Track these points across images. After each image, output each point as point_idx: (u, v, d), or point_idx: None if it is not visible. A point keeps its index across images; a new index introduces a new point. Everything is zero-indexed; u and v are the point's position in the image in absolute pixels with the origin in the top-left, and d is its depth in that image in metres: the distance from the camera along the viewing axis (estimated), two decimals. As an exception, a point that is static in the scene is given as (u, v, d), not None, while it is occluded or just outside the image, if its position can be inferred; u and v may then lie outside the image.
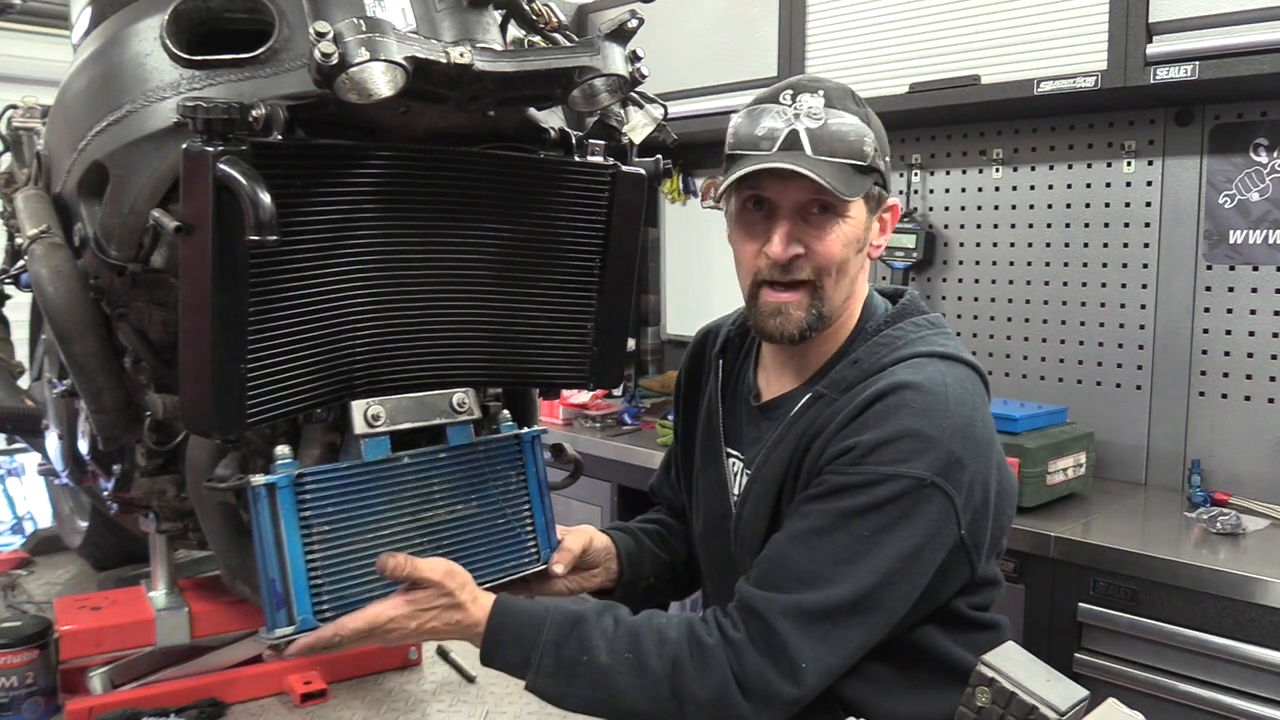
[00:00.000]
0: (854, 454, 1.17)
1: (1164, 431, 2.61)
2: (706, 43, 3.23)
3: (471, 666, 1.64)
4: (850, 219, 1.24)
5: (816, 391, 1.26)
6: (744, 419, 1.41)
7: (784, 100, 1.24)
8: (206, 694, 1.47)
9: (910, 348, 1.25)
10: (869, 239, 1.30)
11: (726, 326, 1.50)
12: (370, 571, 1.23)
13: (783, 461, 1.26)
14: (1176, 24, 2.21)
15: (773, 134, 1.22)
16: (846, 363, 1.27)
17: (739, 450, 1.40)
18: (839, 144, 1.21)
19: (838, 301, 1.27)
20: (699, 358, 1.53)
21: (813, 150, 1.20)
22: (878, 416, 1.18)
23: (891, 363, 1.23)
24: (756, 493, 1.29)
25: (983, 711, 0.98)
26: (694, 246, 3.82)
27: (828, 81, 1.26)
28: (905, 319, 1.30)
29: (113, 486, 1.39)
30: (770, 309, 1.26)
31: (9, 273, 1.49)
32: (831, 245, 1.23)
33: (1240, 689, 1.91)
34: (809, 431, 1.24)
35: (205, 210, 1.02)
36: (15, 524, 3.85)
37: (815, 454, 1.22)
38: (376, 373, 1.25)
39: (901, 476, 1.15)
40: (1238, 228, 2.46)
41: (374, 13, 1.06)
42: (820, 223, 1.24)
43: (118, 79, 1.18)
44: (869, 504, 1.15)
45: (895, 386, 1.19)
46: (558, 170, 1.30)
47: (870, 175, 1.24)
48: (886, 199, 1.30)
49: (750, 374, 1.43)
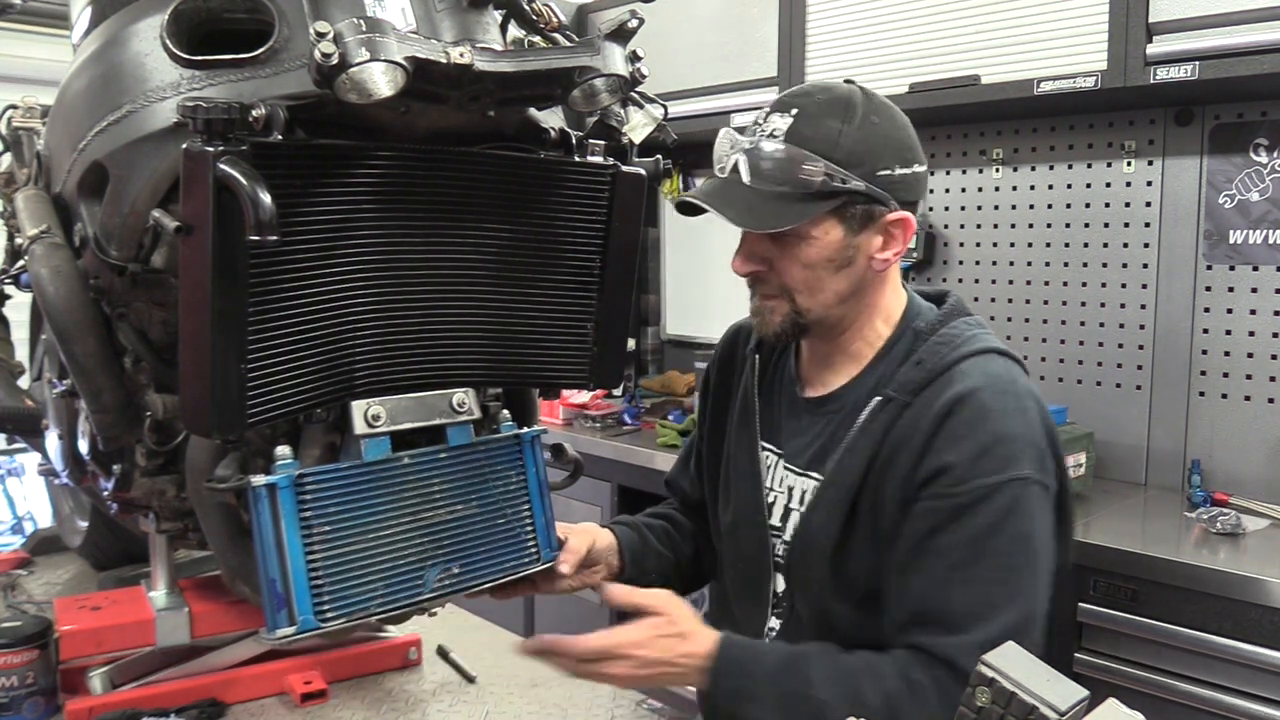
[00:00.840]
0: (955, 473, 1.17)
1: (1164, 431, 2.61)
2: (706, 43, 3.23)
3: (471, 667, 1.64)
4: (812, 240, 1.23)
5: (885, 395, 1.25)
6: (783, 412, 1.40)
7: (758, 119, 1.26)
8: (206, 694, 1.47)
9: (968, 345, 1.25)
10: (863, 252, 1.26)
11: None
12: (371, 572, 1.23)
13: (858, 468, 1.24)
14: (1176, 24, 2.21)
15: (721, 159, 1.28)
16: (910, 364, 1.26)
17: (775, 443, 1.40)
18: (773, 171, 1.21)
19: (818, 310, 1.28)
20: (730, 352, 1.53)
21: (751, 177, 1.22)
22: (965, 426, 1.18)
23: (955, 360, 1.23)
24: (830, 498, 1.27)
25: (983, 711, 0.98)
26: (694, 246, 3.82)
27: (817, 94, 1.25)
28: (957, 318, 1.30)
29: (113, 486, 1.38)
30: (754, 310, 1.33)
31: (9, 273, 1.49)
32: (788, 265, 1.26)
33: (1240, 689, 1.91)
34: (887, 440, 1.23)
35: (205, 210, 1.02)
36: (15, 524, 3.85)
37: (902, 469, 1.21)
38: (377, 373, 1.25)
39: (1011, 481, 1.16)
40: (1238, 228, 2.46)
41: (374, 13, 1.06)
42: (780, 241, 1.25)
43: (118, 79, 1.18)
44: (994, 520, 1.16)
45: (969, 392, 1.19)
46: (558, 170, 1.30)
47: (832, 199, 1.21)
48: (883, 214, 1.25)
49: (790, 367, 1.43)
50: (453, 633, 1.78)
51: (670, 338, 3.88)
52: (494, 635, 1.81)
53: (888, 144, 1.25)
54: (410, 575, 1.27)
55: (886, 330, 1.33)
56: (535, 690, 1.58)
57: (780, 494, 1.38)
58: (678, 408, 3.45)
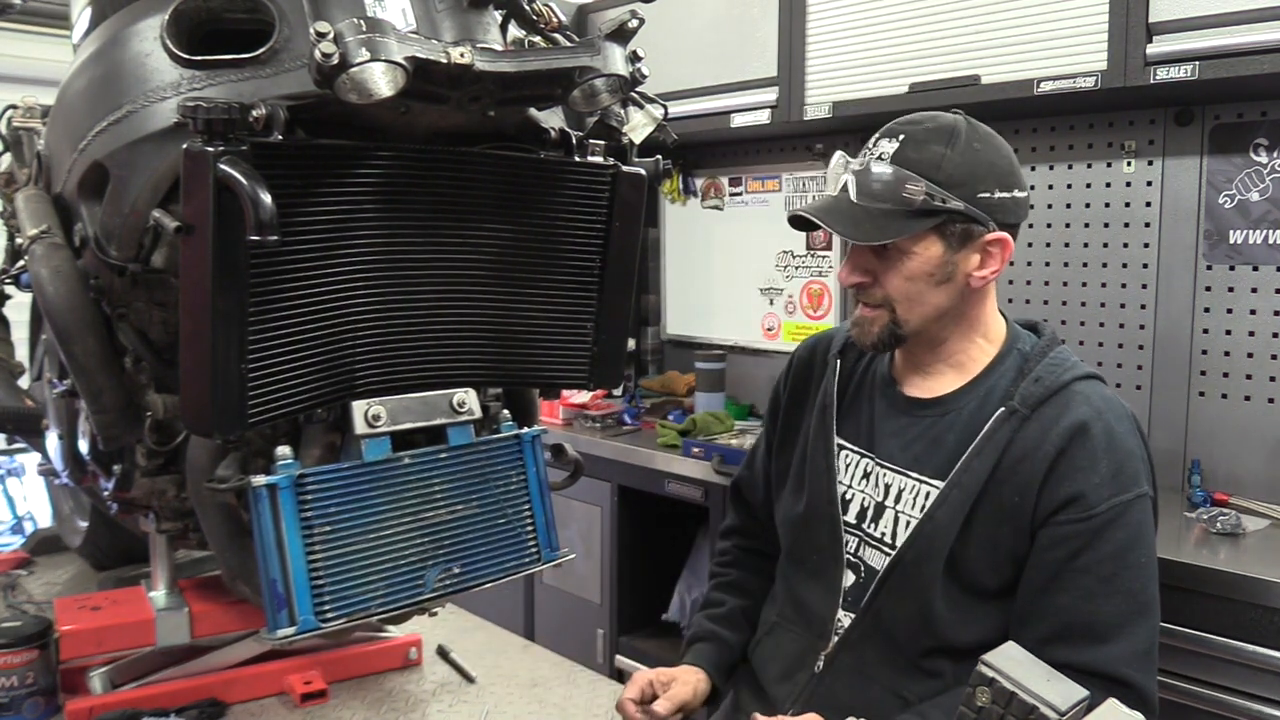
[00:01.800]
0: (1092, 497, 1.25)
1: (1164, 431, 2.61)
2: (706, 43, 3.23)
3: (472, 667, 1.64)
4: (913, 254, 1.31)
5: (1010, 407, 1.31)
6: (878, 412, 1.44)
7: (868, 145, 1.34)
8: (206, 694, 1.47)
9: (1076, 370, 1.35)
10: (961, 269, 1.34)
11: (843, 332, 1.54)
12: (371, 572, 1.23)
13: (983, 474, 1.30)
14: (1176, 24, 2.21)
15: (833, 179, 1.36)
16: (1029, 380, 1.33)
17: (864, 444, 1.44)
18: (877, 189, 1.30)
19: (916, 323, 1.35)
20: (810, 359, 1.58)
21: (857, 195, 1.31)
22: (1098, 450, 1.26)
23: (1069, 381, 1.32)
24: (955, 500, 1.31)
25: (983, 711, 0.98)
26: (694, 246, 3.82)
27: (926, 122, 1.32)
28: (1057, 344, 1.40)
29: (113, 486, 1.38)
30: (856, 319, 1.40)
31: (9, 273, 1.49)
32: (890, 279, 1.33)
33: (1240, 689, 1.91)
34: (1010, 450, 1.30)
35: (206, 210, 1.02)
36: (15, 524, 3.85)
37: (1024, 480, 1.28)
38: (377, 373, 1.25)
39: (1138, 498, 1.27)
40: (1238, 228, 2.46)
41: (374, 13, 1.07)
42: (883, 256, 1.33)
43: (118, 79, 1.18)
44: (1130, 535, 1.25)
45: (1095, 416, 1.28)
46: (558, 170, 1.30)
47: (931, 217, 1.29)
48: (982, 233, 1.32)
49: (883, 369, 1.48)
50: (453, 633, 1.78)
51: (670, 338, 3.88)
52: (494, 635, 1.81)
53: (990, 169, 1.32)
54: (410, 575, 1.27)
55: (991, 348, 1.40)
56: (535, 690, 1.58)
57: (866, 493, 1.41)
58: (678, 408, 3.45)
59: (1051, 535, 1.26)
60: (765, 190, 3.58)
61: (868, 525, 1.40)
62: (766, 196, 3.58)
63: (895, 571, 1.34)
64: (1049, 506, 1.27)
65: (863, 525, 1.40)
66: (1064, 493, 1.26)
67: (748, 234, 3.63)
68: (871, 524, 1.39)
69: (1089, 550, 1.25)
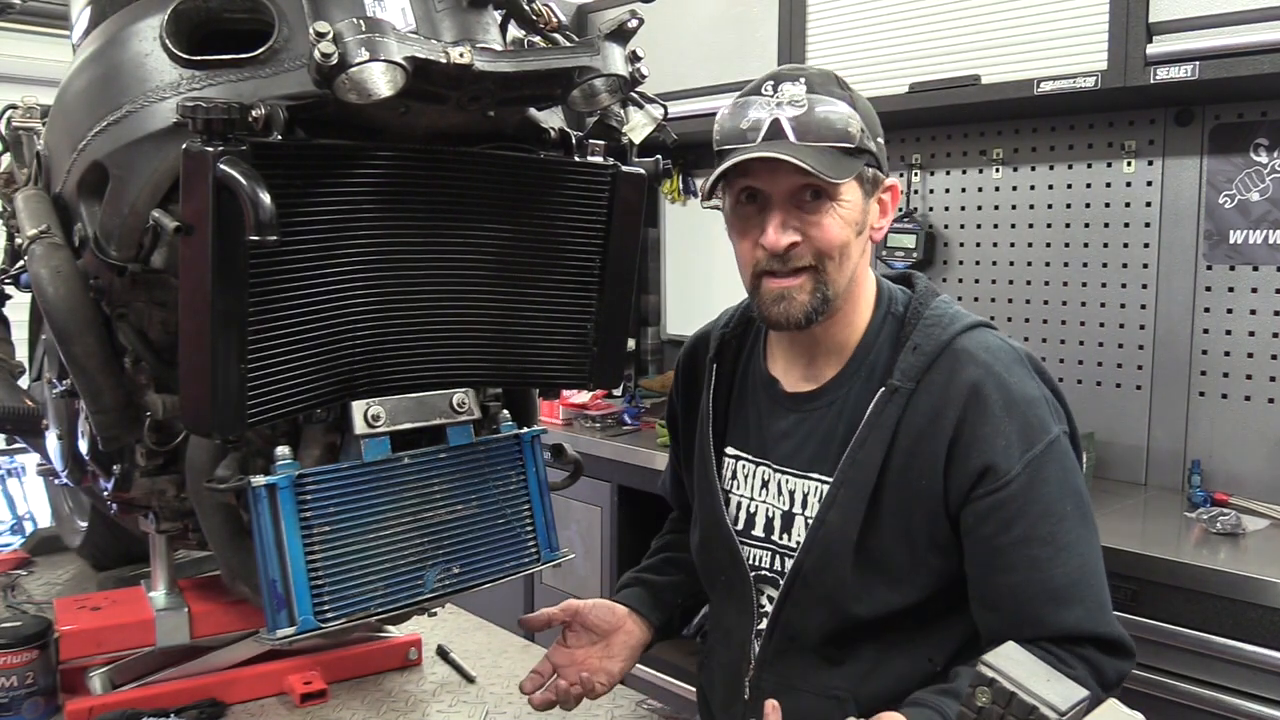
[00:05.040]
0: (1005, 463, 1.19)
1: (1164, 431, 2.61)
2: (706, 43, 3.23)
3: (471, 666, 1.64)
4: (845, 202, 1.23)
5: (890, 385, 1.24)
6: (762, 413, 1.37)
7: (766, 91, 1.23)
8: (206, 694, 1.47)
9: (956, 323, 1.27)
10: (868, 221, 1.27)
11: (718, 330, 1.46)
12: (371, 572, 1.23)
13: (874, 464, 1.23)
14: (1176, 24, 2.21)
15: (757, 124, 1.21)
16: (906, 350, 1.25)
17: (756, 451, 1.36)
18: (823, 128, 1.20)
19: (842, 284, 1.25)
20: (691, 365, 1.49)
21: (797, 137, 1.20)
22: (996, 410, 1.20)
23: (949, 339, 1.25)
24: (845, 499, 1.24)
25: (983, 711, 0.98)
26: (694, 246, 3.82)
27: (809, 69, 1.25)
28: (932, 299, 1.31)
29: (113, 486, 1.38)
30: (774, 295, 1.25)
31: (9, 273, 1.50)
32: (828, 230, 1.22)
33: (1240, 689, 1.91)
34: (901, 432, 1.23)
35: (205, 210, 1.02)
36: (15, 524, 3.85)
37: (929, 461, 1.21)
38: (376, 373, 1.25)
39: (1050, 445, 1.21)
40: (1238, 228, 2.46)
41: (374, 13, 1.06)
42: (814, 208, 1.22)
43: (117, 79, 1.18)
44: (1055, 487, 1.20)
45: (985, 375, 1.21)
46: (558, 170, 1.30)
47: (860, 157, 1.22)
48: (883, 180, 1.28)
49: (760, 367, 1.39)
50: (453, 633, 1.78)
51: (670, 338, 3.88)
52: (494, 635, 1.81)
53: (874, 114, 1.27)
54: (410, 575, 1.27)
55: (865, 316, 1.31)
56: (535, 690, 1.57)
57: (769, 503, 1.34)
58: (678, 408, 3.45)
59: (975, 512, 1.20)
60: (765, 190, 3.58)
61: (778, 536, 1.32)
62: (766, 196, 3.57)
63: (796, 582, 1.27)
64: (962, 484, 1.20)
65: (772, 537, 1.32)
66: (974, 466, 1.19)
67: (748, 234, 3.63)
68: (783, 534, 1.31)
69: (1020, 519, 1.19)
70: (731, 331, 1.44)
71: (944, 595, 1.25)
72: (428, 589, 1.29)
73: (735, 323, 1.45)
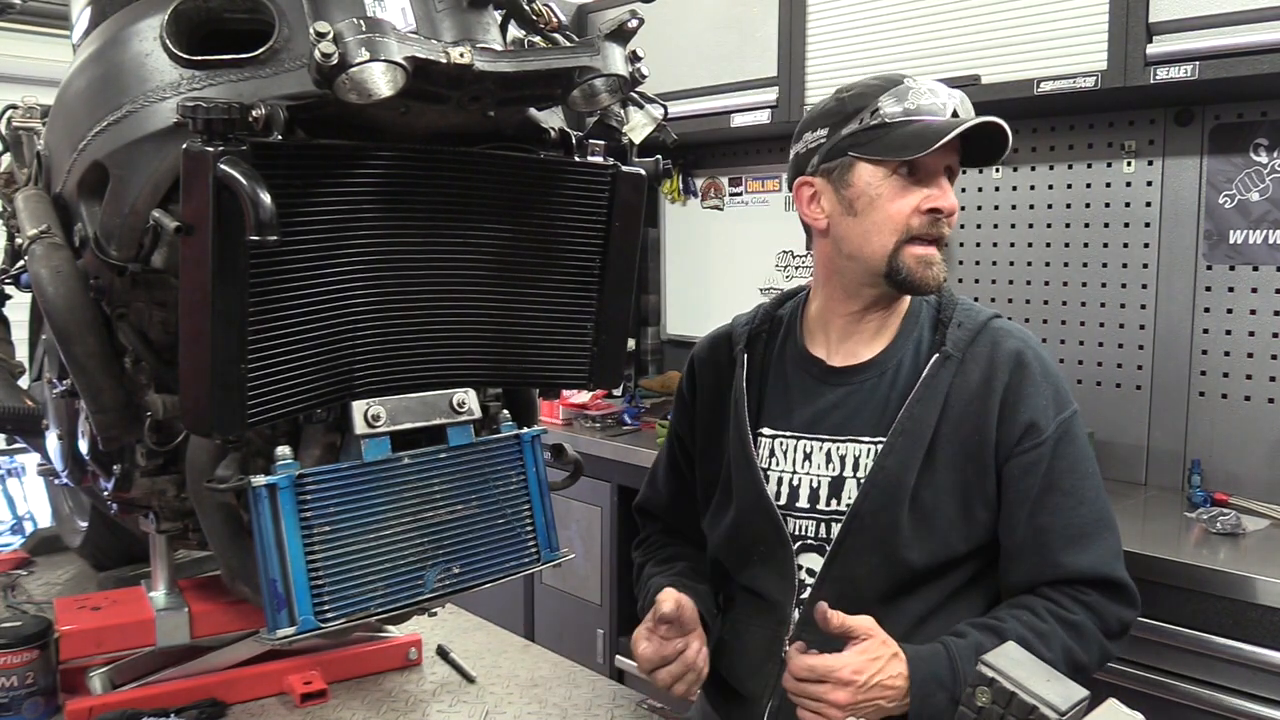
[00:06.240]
0: (1042, 419, 1.33)
1: (1164, 431, 2.61)
2: (706, 43, 3.23)
3: (472, 666, 1.64)
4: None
5: (944, 353, 1.37)
6: (808, 390, 1.45)
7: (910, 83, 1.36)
8: (206, 694, 1.47)
9: (985, 310, 1.43)
10: None
11: (741, 327, 1.56)
12: (371, 572, 1.23)
13: (930, 419, 1.34)
14: (1176, 24, 2.21)
15: (950, 98, 1.37)
16: (953, 326, 1.39)
17: (799, 427, 1.44)
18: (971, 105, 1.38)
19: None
20: (713, 359, 1.57)
21: (966, 114, 1.36)
22: (1037, 378, 1.35)
23: (985, 320, 1.41)
24: (903, 446, 1.34)
25: (983, 711, 0.98)
26: (694, 246, 3.82)
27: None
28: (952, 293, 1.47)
29: (113, 486, 1.38)
30: (923, 260, 1.36)
31: (9, 273, 1.49)
32: (955, 205, 1.37)
33: (1240, 689, 1.91)
34: (952, 393, 1.35)
35: (205, 210, 1.02)
36: (15, 524, 3.85)
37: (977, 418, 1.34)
38: (377, 373, 1.25)
39: (1073, 415, 1.37)
40: (1238, 228, 2.46)
41: (374, 13, 1.06)
42: (947, 185, 1.37)
43: (118, 79, 1.18)
44: (1079, 448, 1.36)
45: (1024, 348, 1.37)
46: (558, 170, 1.30)
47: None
48: None
49: (800, 350, 1.49)
50: (453, 633, 1.78)
51: (670, 338, 3.88)
52: (494, 635, 1.81)
53: None
54: (410, 575, 1.27)
55: (905, 300, 1.44)
56: (535, 690, 1.58)
57: (813, 474, 1.41)
58: (678, 408, 3.45)
59: (1019, 465, 1.33)
60: (765, 190, 3.58)
61: (824, 504, 1.39)
62: (766, 196, 3.58)
63: (853, 527, 1.34)
64: (1010, 438, 1.33)
65: (817, 506, 1.40)
66: (1021, 420, 1.33)
67: (747, 234, 3.63)
68: (830, 500, 1.39)
69: (1051, 470, 1.33)
70: (758, 326, 1.54)
71: (985, 552, 1.37)
72: (428, 589, 1.29)
73: (761, 319, 1.55)
